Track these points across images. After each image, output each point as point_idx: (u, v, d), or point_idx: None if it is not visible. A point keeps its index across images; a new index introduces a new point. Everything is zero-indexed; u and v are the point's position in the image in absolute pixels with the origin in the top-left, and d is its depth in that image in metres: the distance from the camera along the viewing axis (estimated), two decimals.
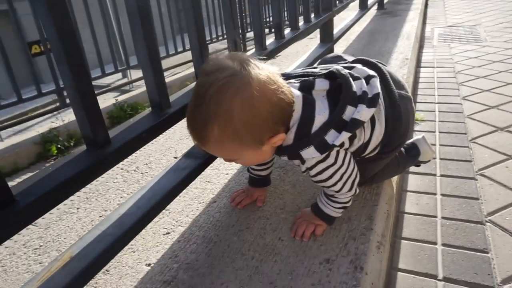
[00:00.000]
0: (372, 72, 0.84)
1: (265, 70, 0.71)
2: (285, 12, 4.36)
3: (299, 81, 0.82)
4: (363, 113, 0.76)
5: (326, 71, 0.83)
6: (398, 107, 0.89)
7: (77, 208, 1.20)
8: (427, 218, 1.28)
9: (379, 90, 0.80)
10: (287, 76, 0.85)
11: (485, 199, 1.34)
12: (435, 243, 1.17)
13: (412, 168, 1.57)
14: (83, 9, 3.73)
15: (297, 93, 0.78)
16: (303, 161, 0.81)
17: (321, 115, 0.76)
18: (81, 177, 0.61)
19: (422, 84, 2.57)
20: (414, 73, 2.55)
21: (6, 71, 3.33)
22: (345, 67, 0.84)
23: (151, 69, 0.79)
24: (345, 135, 0.75)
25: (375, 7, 4.43)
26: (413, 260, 1.12)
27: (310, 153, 0.77)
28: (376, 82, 0.81)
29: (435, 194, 1.40)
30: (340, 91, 0.78)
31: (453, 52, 3.27)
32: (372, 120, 0.84)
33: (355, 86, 0.79)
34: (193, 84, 1.01)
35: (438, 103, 2.21)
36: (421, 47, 3.59)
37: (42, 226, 1.12)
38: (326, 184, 0.85)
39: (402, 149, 1.14)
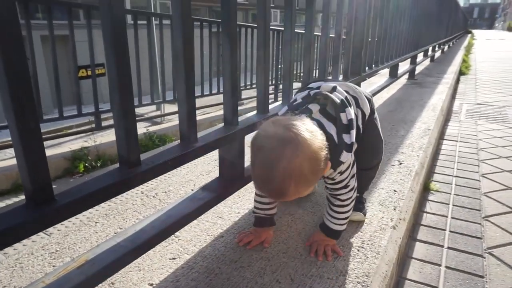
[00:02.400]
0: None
1: (304, 123, 0.85)
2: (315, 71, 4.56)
3: (301, 110, 1.00)
4: (351, 112, 0.97)
5: (311, 95, 1.02)
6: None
7: (96, 222, 1.29)
8: None
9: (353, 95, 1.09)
10: (292, 110, 1.03)
11: (490, 279, 1.32)
12: None
13: (420, 236, 1.58)
14: (133, 41, 4.08)
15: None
16: (339, 168, 0.99)
17: (331, 129, 0.94)
18: (111, 189, 0.70)
19: (442, 156, 2.60)
20: (435, 144, 2.59)
21: (55, 90, 3.63)
22: (326, 89, 1.03)
23: (186, 104, 0.91)
24: (353, 133, 0.95)
25: (406, 76, 4.58)
26: None
27: (346, 156, 0.93)
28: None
29: (439, 265, 1.40)
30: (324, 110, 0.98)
31: (478, 129, 3.31)
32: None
33: (336, 97, 0.99)
34: (221, 125, 1.12)
35: (455, 176, 2.23)
36: (447, 120, 3.65)
37: (62, 233, 1.21)
38: (343, 183, 1.04)
39: None
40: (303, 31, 1.61)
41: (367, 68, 2.52)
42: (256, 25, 1.24)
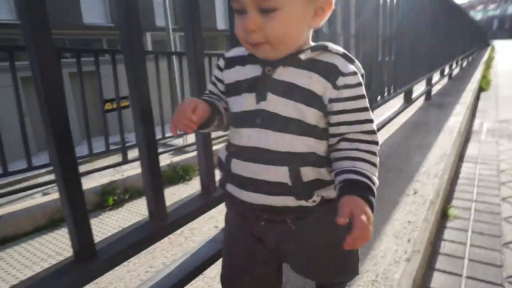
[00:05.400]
0: None
1: None
2: None
3: None
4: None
5: None
6: None
7: (128, 262, 1.40)
8: None
9: None
10: None
11: None
12: None
13: (439, 265, 1.61)
14: (154, 74, 4.31)
15: None
16: (337, 77, 0.69)
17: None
18: (144, 242, 0.81)
19: (462, 179, 2.61)
20: (453, 168, 2.61)
21: (84, 126, 3.88)
22: None
23: (204, 154, 1.02)
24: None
25: (423, 97, 4.60)
26: None
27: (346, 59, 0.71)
28: None
29: None
30: None
31: (500, 149, 3.29)
32: None
33: None
34: None
35: (475, 201, 2.24)
36: (467, 140, 3.64)
37: None
38: (364, 115, 0.72)
39: None
40: None
41: (379, 97, 2.60)
42: None
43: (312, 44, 0.73)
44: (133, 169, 4.58)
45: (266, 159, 0.71)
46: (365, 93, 0.72)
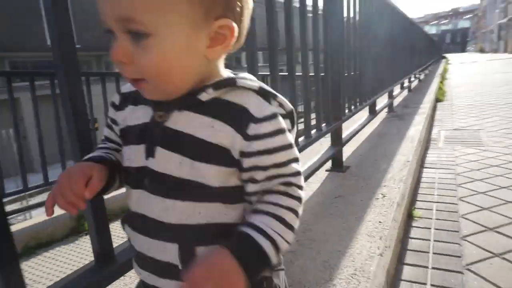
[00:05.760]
0: None
1: None
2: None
3: None
4: None
5: None
6: None
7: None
8: None
9: None
10: None
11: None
12: None
13: (407, 260, 1.80)
14: None
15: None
16: (245, 122, 0.54)
17: None
18: None
19: (423, 184, 2.86)
20: (416, 174, 2.86)
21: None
22: None
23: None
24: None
25: (386, 109, 4.93)
26: None
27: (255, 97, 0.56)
28: None
29: (425, 284, 1.62)
30: None
31: (455, 155, 3.60)
32: None
33: None
34: None
35: (436, 202, 2.48)
36: (427, 148, 3.95)
37: None
38: (286, 169, 0.56)
39: None
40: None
41: (347, 110, 2.83)
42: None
43: (223, 77, 0.57)
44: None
45: (154, 232, 0.57)
46: (289, 141, 0.56)
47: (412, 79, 7.87)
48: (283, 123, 0.55)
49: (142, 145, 0.58)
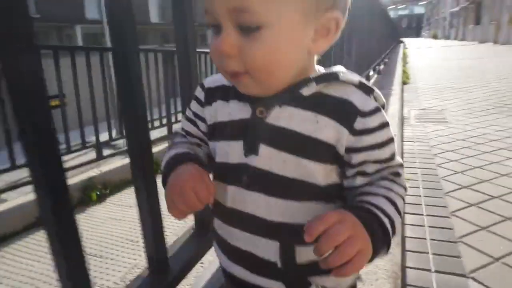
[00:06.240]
0: None
1: None
2: None
3: None
4: None
5: None
6: None
7: None
8: None
9: None
10: None
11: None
12: None
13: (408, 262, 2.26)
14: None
15: None
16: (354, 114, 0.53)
17: None
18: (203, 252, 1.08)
19: (406, 154, 3.36)
20: (399, 147, 3.34)
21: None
22: None
23: None
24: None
25: None
26: None
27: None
28: None
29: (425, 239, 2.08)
30: None
31: (427, 131, 4.15)
32: None
33: None
34: None
35: (420, 168, 2.98)
36: (402, 124, 4.48)
37: None
38: (393, 162, 0.58)
39: None
40: None
41: None
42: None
43: (318, 71, 0.57)
44: (108, 165, 4.73)
45: (254, 227, 0.58)
46: (392, 134, 0.56)
47: (381, 62, 8.45)
48: (386, 117, 0.55)
49: (239, 141, 0.56)
